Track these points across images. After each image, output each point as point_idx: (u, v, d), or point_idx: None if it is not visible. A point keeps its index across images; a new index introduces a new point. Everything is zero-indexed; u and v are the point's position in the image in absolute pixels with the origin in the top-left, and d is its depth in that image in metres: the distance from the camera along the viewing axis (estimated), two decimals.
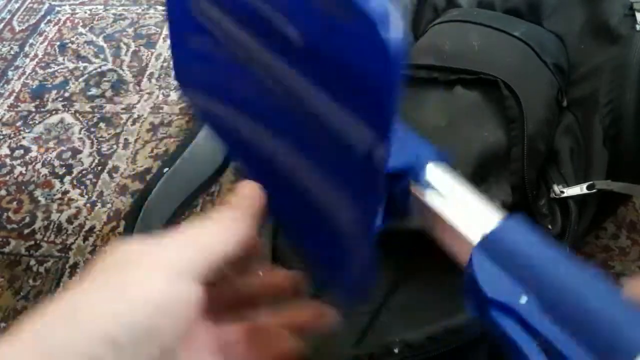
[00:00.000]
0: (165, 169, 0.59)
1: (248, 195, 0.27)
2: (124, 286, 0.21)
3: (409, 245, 0.27)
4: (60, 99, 0.95)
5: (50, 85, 0.97)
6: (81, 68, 1.00)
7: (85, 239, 0.75)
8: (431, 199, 0.24)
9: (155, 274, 0.22)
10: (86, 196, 0.79)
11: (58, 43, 1.06)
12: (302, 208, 0.29)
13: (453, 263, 0.24)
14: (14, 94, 0.96)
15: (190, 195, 0.59)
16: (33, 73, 1.00)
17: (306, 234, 0.30)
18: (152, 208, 0.57)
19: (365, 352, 0.40)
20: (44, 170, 0.83)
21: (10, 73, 1.00)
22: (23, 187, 0.81)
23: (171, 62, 0.44)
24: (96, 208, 0.78)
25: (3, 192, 0.81)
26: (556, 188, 0.50)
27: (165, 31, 1.05)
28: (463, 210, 0.23)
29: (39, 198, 0.80)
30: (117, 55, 1.02)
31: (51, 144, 0.87)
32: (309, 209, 0.28)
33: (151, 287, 0.21)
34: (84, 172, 0.83)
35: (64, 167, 0.83)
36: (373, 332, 0.45)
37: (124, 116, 0.91)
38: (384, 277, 0.49)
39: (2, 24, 0.98)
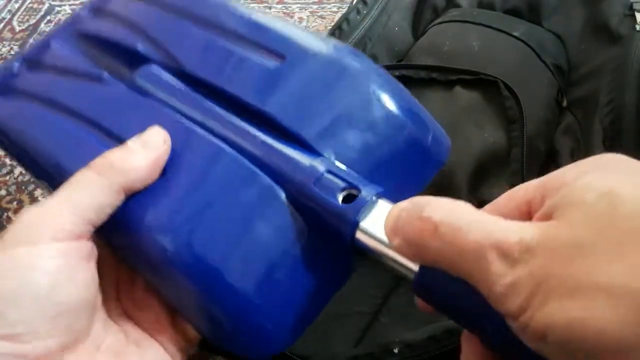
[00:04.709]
0: None
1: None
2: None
3: None
4: None
5: None
6: None
7: None
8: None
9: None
10: None
11: None
12: None
13: None
14: None
15: None
16: None
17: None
18: None
19: (365, 352, 0.40)
20: None
21: None
22: (23, 187, 0.81)
23: None
24: None
25: (3, 192, 0.81)
26: None
27: None
28: None
29: (39, 198, 0.80)
30: None
31: None
32: None
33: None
34: None
35: None
36: (373, 332, 0.45)
37: None
38: (383, 277, 0.49)
39: (2, 24, 0.98)
